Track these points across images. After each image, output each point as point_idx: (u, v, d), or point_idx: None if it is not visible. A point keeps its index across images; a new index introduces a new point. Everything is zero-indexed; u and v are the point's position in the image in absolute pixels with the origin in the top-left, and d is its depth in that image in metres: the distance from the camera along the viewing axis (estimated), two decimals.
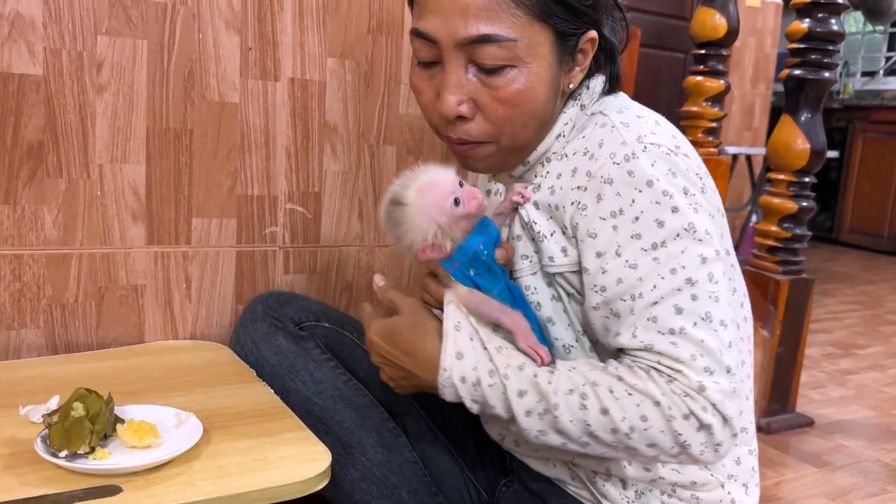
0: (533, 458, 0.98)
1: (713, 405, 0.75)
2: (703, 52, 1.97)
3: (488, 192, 1.06)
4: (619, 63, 0.94)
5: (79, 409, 0.80)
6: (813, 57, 1.80)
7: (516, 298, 0.88)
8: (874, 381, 2.41)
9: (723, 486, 0.91)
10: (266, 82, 1.23)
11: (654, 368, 0.77)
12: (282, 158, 1.27)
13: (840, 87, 5.43)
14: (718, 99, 1.97)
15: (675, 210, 0.79)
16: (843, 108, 5.17)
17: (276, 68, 1.23)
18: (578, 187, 0.84)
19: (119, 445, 0.82)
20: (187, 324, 1.24)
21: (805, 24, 1.79)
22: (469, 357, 0.83)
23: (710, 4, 1.93)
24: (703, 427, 0.75)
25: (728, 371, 0.77)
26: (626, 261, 0.80)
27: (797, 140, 1.82)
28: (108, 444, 0.82)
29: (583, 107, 0.91)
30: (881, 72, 5.62)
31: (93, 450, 0.79)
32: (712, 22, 1.91)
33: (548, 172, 0.90)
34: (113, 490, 0.75)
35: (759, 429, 1.87)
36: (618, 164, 0.81)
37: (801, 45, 1.81)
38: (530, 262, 0.90)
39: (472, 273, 0.85)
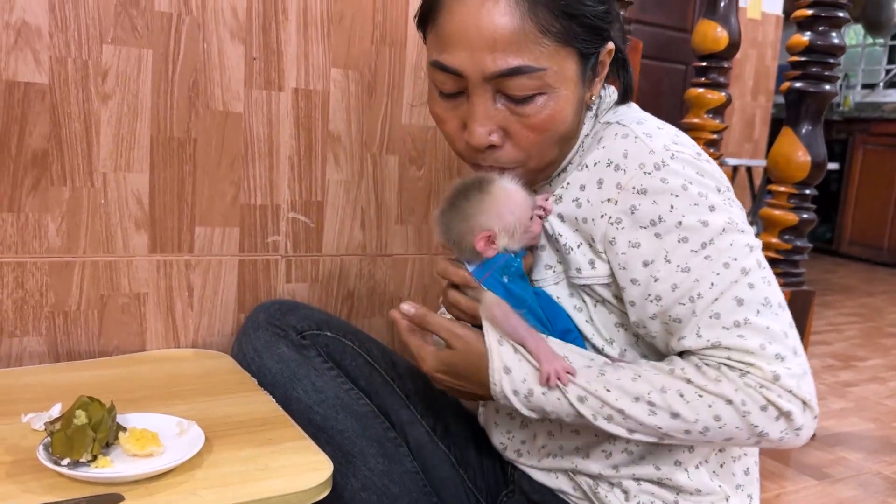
0: (535, 468, 0.98)
1: (790, 391, 0.76)
2: (704, 64, 1.98)
3: None
4: (631, 72, 0.95)
5: (81, 417, 0.80)
6: (814, 70, 1.81)
7: (544, 305, 0.89)
8: (874, 393, 2.41)
9: (727, 500, 0.90)
10: (270, 92, 1.24)
11: (725, 364, 0.78)
12: (285, 168, 1.27)
13: (840, 99, 5.45)
14: (720, 111, 1.98)
15: (713, 208, 0.81)
16: (843, 120, 5.19)
17: (280, 78, 1.24)
18: (609, 200, 0.84)
19: (121, 454, 0.82)
20: (189, 332, 1.25)
21: (806, 38, 1.80)
22: (517, 370, 0.83)
23: (711, 17, 1.94)
24: (783, 415, 0.76)
25: (795, 353, 0.78)
26: (678, 266, 0.81)
27: (798, 152, 1.82)
28: (110, 452, 0.82)
29: (596, 116, 0.92)
30: (881, 84, 5.64)
31: (95, 458, 0.79)
32: (714, 35, 1.92)
33: (568, 184, 0.90)
34: (115, 498, 0.75)
35: None
36: (649, 173, 0.81)
37: (802, 58, 1.82)
38: (553, 272, 0.91)
39: (505, 280, 0.86)
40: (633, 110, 0.93)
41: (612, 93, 0.95)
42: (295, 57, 1.25)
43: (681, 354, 0.83)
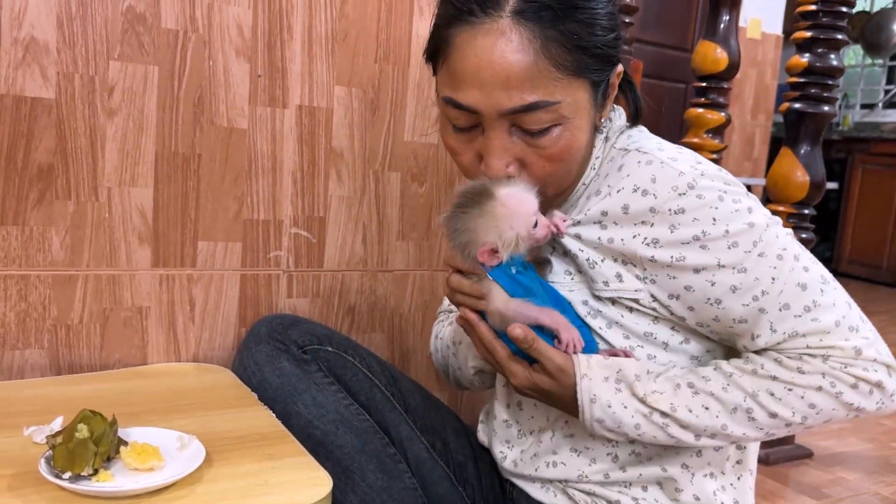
0: (533, 482, 0.98)
1: (874, 360, 0.80)
2: (704, 84, 1.99)
3: None
4: (638, 92, 0.97)
5: (83, 431, 0.80)
6: (812, 91, 1.83)
7: (552, 297, 0.90)
8: None
9: None
10: (274, 109, 1.25)
11: (805, 354, 0.81)
12: (288, 183, 1.28)
13: (840, 118, 5.48)
14: (719, 131, 2.00)
15: (751, 210, 0.84)
16: (842, 139, 5.21)
17: (284, 95, 1.25)
18: (643, 222, 0.85)
19: (122, 468, 0.83)
20: (190, 346, 1.25)
21: (805, 59, 1.81)
22: (626, 421, 0.85)
23: (711, 38, 1.96)
24: (874, 386, 0.80)
25: (863, 319, 0.83)
26: (734, 269, 0.83)
27: (797, 172, 1.84)
28: (111, 466, 0.83)
29: (607, 139, 0.93)
30: (880, 104, 5.67)
31: (96, 472, 0.80)
32: (714, 55, 1.94)
33: (588, 210, 0.90)
34: None
35: (759, 460, 1.86)
36: (683, 194, 0.83)
37: (801, 80, 1.83)
38: (572, 279, 0.92)
39: (512, 271, 0.87)
40: (645, 135, 0.94)
41: (620, 114, 0.96)
42: (299, 74, 1.26)
43: (758, 352, 0.85)
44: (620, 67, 0.89)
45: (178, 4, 1.15)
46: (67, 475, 0.78)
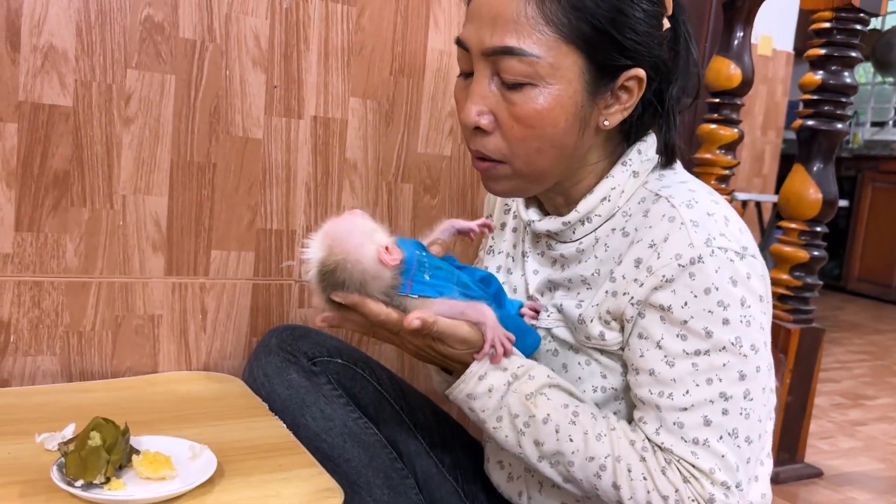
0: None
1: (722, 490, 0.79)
2: (717, 100, 1.99)
3: (503, 226, 1.06)
4: (675, 127, 0.90)
5: (96, 439, 0.80)
6: (826, 108, 1.82)
7: (471, 274, 0.88)
8: (883, 433, 2.39)
9: None
10: (290, 119, 1.25)
11: (675, 464, 0.80)
12: (301, 194, 1.28)
13: (850, 136, 5.47)
14: (732, 147, 1.99)
15: (725, 322, 0.79)
16: (852, 157, 5.20)
17: (299, 106, 1.26)
18: (636, 280, 0.83)
19: (134, 476, 0.83)
20: (201, 355, 1.25)
21: (818, 76, 1.81)
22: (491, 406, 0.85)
23: (725, 54, 1.96)
24: None
25: (738, 486, 0.80)
26: (665, 356, 0.81)
27: (809, 189, 1.83)
28: (123, 474, 0.82)
29: (635, 174, 0.89)
30: (890, 122, 5.65)
31: (108, 480, 0.80)
32: (727, 72, 1.94)
33: (607, 246, 0.88)
34: None
35: None
36: (682, 266, 0.79)
37: (815, 97, 1.83)
38: (558, 314, 0.92)
39: (427, 278, 0.84)
40: (679, 177, 0.89)
41: (651, 146, 0.91)
42: (315, 86, 1.27)
43: None
44: (640, 72, 0.83)
45: (196, 14, 1.16)
46: (80, 483, 0.78)
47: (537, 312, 0.94)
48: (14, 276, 1.11)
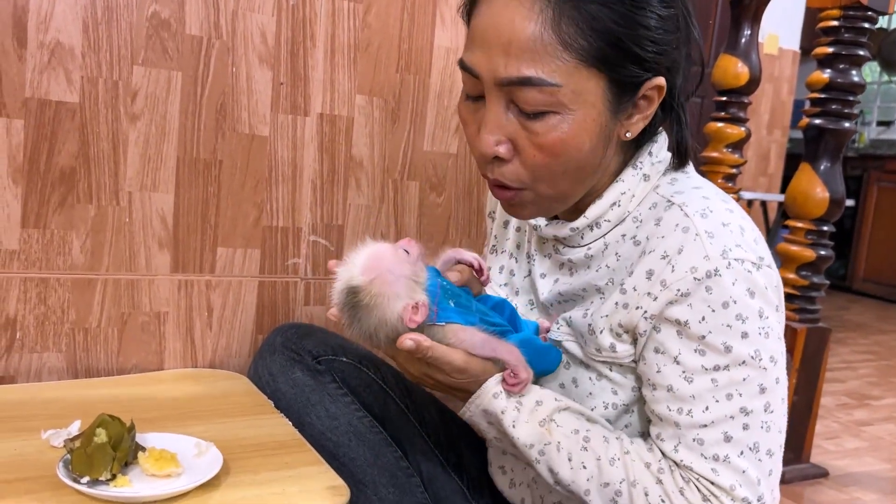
0: None
1: None
2: (724, 99, 1.98)
3: (506, 223, 1.05)
4: (687, 125, 0.87)
5: (102, 436, 0.80)
6: (833, 107, 1.81)
7: (491, 314, 0.86)
8: (889, 433, 2.38)
9: None
10: (296, 117, 1.25)
11: (694, 482, 0.79)
12: (307, 191, 1.28)
13: (855, 135, 5.45)
14: (739, 146, 1.98)
15: (744, 336, 0.77)
16: (858, 156, 5.18)
17: (306, 103, 1.25)
18: (649, 294, 0.80)
19: (140, 473, 0.82)
20: (207, 352, 1.25)
21: (826, 75, 1.80)
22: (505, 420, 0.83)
23: (732, 53, 1.95)
24: None
25: (760, 500, 0.78)
26: (683, 371, 0.78)
27: (816, 189, 1.82)
28: (128, 471, 0.82)
29: (646, 177, 0.86)
30: None
31: (114, 477, 0.80)
32: (734, 70, 1.93)
33: (618, 254, 0.85)
34: None
35: None
36: (698, 280, 0.77)
37: (822, 95, 1.82)
38: (567, 327, 0.90)
39: (452, 304, 0.82)
40: (692, 182, 0.86)
41: (662, 146, 0.87)
42: (321, 83, 1.26)
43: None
44: (661, 81, 0.79)
45: (203, 11, 1.16)
46: (85, 480, 0.78)
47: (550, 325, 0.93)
48: (20, 273, 1.11)
